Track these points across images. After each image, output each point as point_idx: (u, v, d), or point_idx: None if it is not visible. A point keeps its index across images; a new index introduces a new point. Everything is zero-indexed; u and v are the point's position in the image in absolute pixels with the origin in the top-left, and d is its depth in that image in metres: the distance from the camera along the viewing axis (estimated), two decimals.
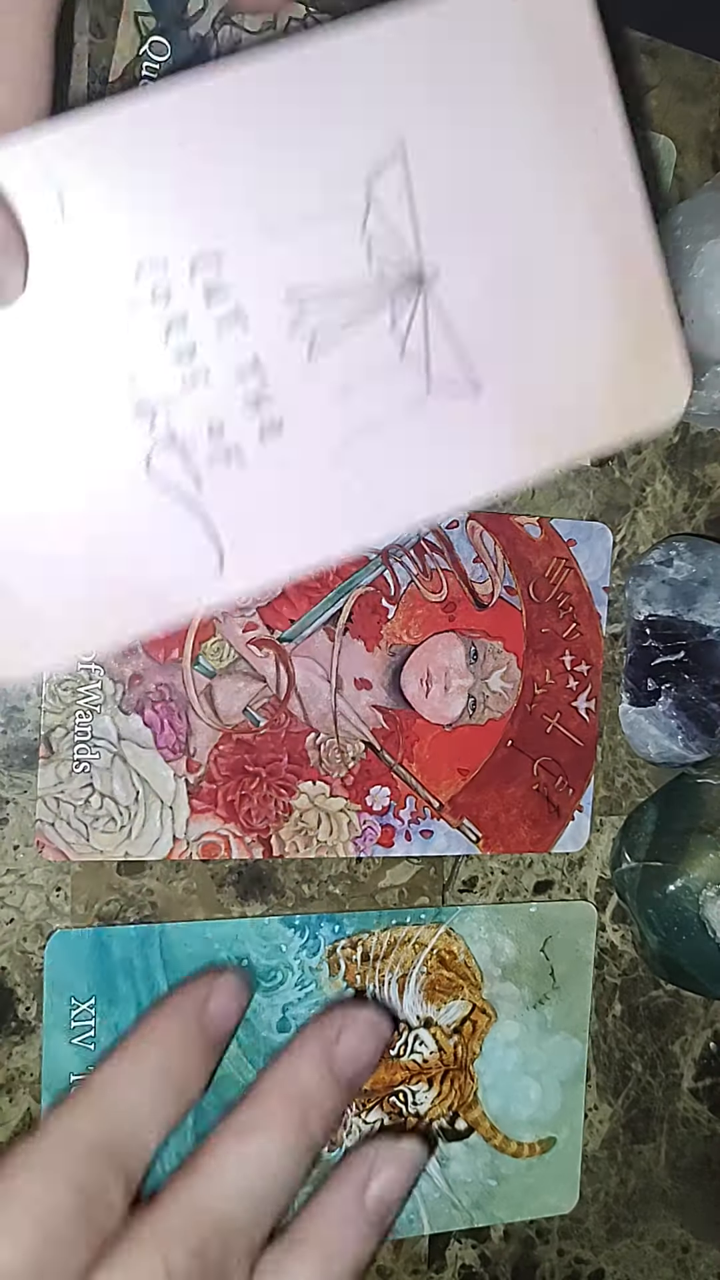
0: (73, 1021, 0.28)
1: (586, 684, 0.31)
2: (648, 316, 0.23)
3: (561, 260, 0.22)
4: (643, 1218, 0.34)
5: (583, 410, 0.23)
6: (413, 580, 0.29)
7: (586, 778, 0.31)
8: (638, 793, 0.32)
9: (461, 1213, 0.31)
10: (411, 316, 0.22)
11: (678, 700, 0.30)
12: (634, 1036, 0.33)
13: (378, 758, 0.29)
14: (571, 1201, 0.32)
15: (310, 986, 0.29)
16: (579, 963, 0.32)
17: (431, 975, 0.30)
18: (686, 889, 0.29)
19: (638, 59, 0.31)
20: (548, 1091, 0.32)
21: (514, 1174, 0.31)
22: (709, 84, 0.32)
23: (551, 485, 0.31)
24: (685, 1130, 0.34)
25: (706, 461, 0.33)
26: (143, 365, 0.21)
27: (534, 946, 0.31)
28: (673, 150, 0.31)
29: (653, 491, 0.32)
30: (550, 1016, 0.32)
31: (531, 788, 0.31)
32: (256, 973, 0.29)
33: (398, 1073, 0.30)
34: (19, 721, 0.27)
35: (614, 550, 0.31)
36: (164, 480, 0.21)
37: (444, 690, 0.30)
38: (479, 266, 0.22)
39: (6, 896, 0.27)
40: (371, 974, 0.30)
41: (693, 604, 0.30)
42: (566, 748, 0.31)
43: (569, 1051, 0.32)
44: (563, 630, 0.31)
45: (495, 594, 0.30)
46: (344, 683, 0.29)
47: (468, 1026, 0.31)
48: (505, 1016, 0.31)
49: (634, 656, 0.31)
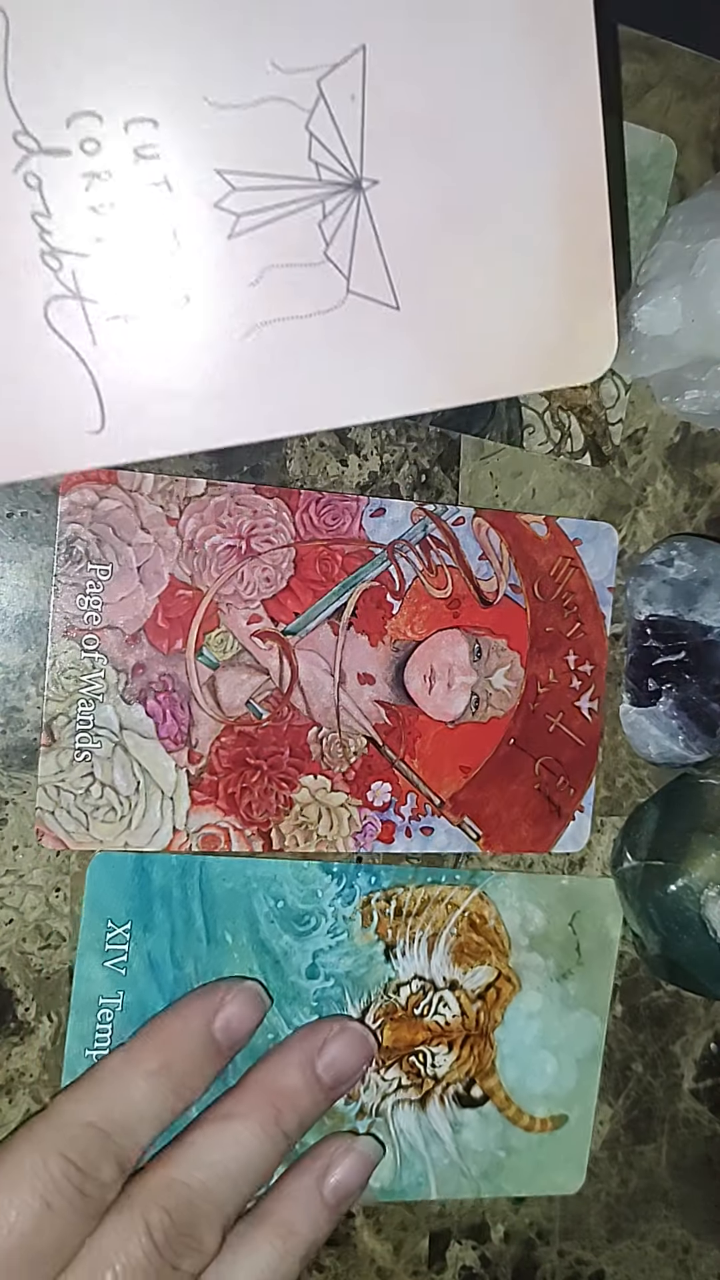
0: (108, 944, 0.28)
1: (590, 684, 0.31)
2: (589, 276, 0.22)
3: (512, 200, 0.22)
4: (644, 1218, 0.33)
5: (505, 351, 0.23)
6: (418, 576, 0.29)
7: (588, 778, 0.31)
8: (638, 793, 0.32)
9: (470, 1182, 0.31)
10: (341, 220, 0.21)
11: (679, 700, 0.30)
12: (635, 1037, 0.33)
13: (379, 753, 0.29)
14: (578, 1182, 0.32)
15: (342, 935, 0.29)
16: (605, 941, 0.32)
17: (461, 938, 0.30)
18: (688, 888, 0.29)
19: (638, 58, 0.31)
20: (564, 1067, 0.32)
21: (524, 1148, 0.31)
22: (709, 83, 0.32)
23: (551, 484, 0.31)
24: (686, 1131, 0.34)
25: (707, 461, 0.33)
26: (58, 212, 0.20)
27: (563, 919, 0.31)
28: (673, 149, 0.31)
29: (653, 491, 0.32)
30: (573, 992, 0.32)
31: (533, 787, 0.31)
32: (291, 915, 0.29)
33: (419, 1032, 0.30)
34: (19, 722, 0.27)
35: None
36: (60, 330, 0.20)
37: (447, 687, 0.30)
38: (422, 187, 0.21)
39: (6, 897, 0.27)
40: (403, 929, 0.30)
41: (694, 604, 0.30)
42: (569, 747, 0.31)
43: (588, 1029, 0.32)
44: (567, 629, 0.31)
45: (500, 591, 0.30)
46: (347, 677, 0.29)
47: (492, 993, 0.31)
48: (529, 987, 0.31)
49: (634, 656, 0.31)
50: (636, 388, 0.32)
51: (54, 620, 0.27)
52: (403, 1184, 0.30)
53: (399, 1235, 0.31)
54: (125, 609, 0.27)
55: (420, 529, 0.29)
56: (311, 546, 0.28)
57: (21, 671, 0.27)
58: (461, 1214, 0.31)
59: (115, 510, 0.26)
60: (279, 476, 0.28)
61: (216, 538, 0.28)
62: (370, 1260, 0.30)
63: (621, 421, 0.31)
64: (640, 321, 0.30)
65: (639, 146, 0.30)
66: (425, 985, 0.30)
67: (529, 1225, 0.32)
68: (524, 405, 0.30)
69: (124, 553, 0.27)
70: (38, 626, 0.27)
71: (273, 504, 0.28)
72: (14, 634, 0.27)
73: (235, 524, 0.28)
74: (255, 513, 0.28)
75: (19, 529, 0.27)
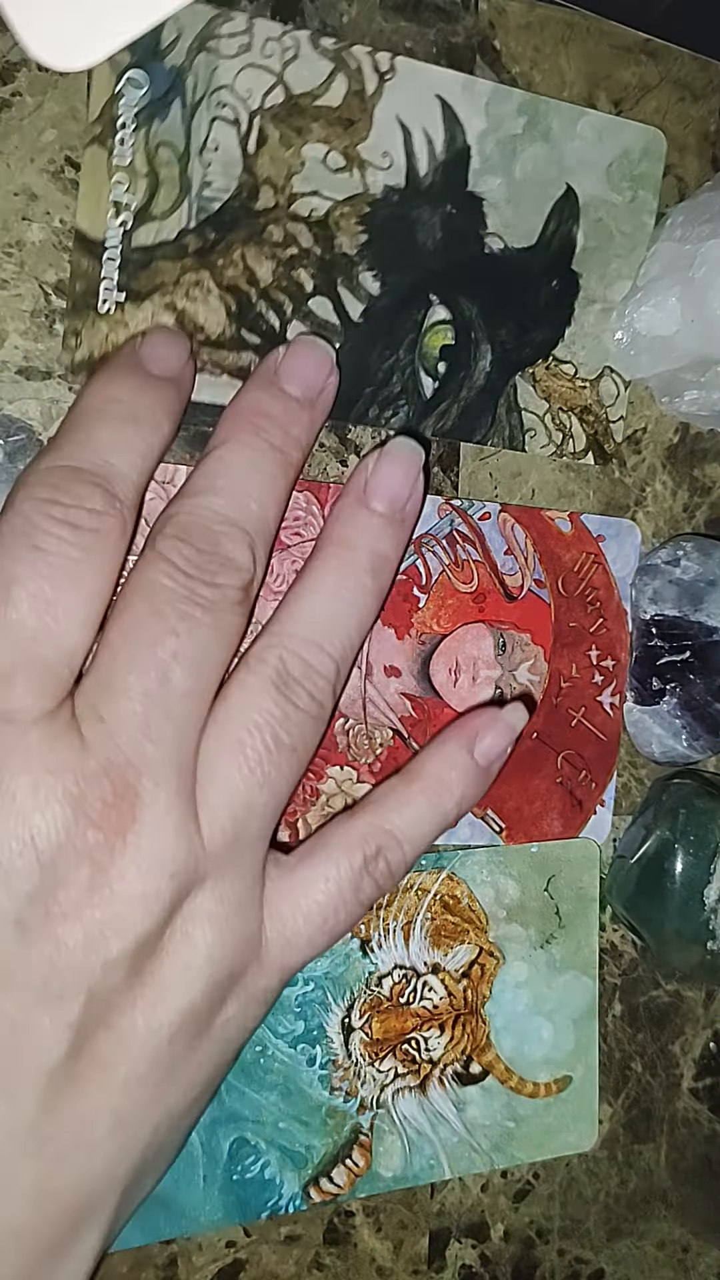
0: None
1: (611, 679, 0.31)
2: None
3: None
4: (643, 1218, 0.34)
5: None
6: (444, 570, 0.29)
7: (609, 772, 0.32)
8: (638, 793, 0.32)
9: (481, 1155, 0.31)
10: None
11: (683, 700, 0.30)
12: (634, 1036, 0.33)
13: (405, 745, 0.29)
14: (591, 1138, 0.32)
15: None
16: (584, 900, 0.32)
17: (436, 921, 0.30)
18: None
19: (638, 60, 0.31)
20: (560, 1030, 0.32)
21: (532, 1114, 0.31)
22: (709, 84, 0.32)
23: (551, 485, 0.31)
24: (686, 1130, 0.34)
25: (706, 461, 0.33)
26: None
27: (537, 886, 0.31)
28: (662, 141, 0.31)
29: (653, 491, 0.32)
30: (558, 955, 0.32)
31: (555, 780, 0.31)
32: None
33: (408, 1020, 0.30)
34: None
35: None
36: None
37: (472, 680, 0.30)
38: None
39: None
40: (376, 922, 0.30)
41: (699, 604, 0.30)
42: (590, 742, 0.31)
43: (579, 989, 0.32)
44: (590, 625, 0.31)
45: (525, 586, 0.30)
46: (374, 669, 0.29)
47: (476, 970, 0.31)
48: (513, 958, 0.31)
49: (639, 656, 0.31)
50: (636, 388, 0.32)
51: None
52: (415, 1169, 0.30)
53: (399, 1234, 0.31)
54: None
55: (447, 523, 0.29)
56: None
57: None
58: (461, 1213, 0.31)
59: (150, 502, 0.26)
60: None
61: None
62: (370, 1259, 0.30)
63: (623, 419, 0.31)
64: (639, 322, 0.30)
65: (628, 140, 0.30)
66: (407, 973, 0.30)
67: (529, 1224, 0.32)
68: (524, 410, 0.30)
69: None
70: None
71: (302, 497, 0.28)
72: None
73: None
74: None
75: None
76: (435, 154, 0.28)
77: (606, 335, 0.31)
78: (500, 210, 0.29)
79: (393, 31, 0.28)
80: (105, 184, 0.26)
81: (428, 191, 0.28)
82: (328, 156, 0.27)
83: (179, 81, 0.26)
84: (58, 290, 0.26)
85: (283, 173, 0.27)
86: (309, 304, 0.28)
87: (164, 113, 0.26)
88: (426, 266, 0.29)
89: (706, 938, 0.29)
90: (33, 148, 0.26)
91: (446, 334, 0.29)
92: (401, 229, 0.28)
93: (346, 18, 0.28)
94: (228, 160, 0.27)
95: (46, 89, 0.26)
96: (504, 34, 0.29)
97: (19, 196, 0.26)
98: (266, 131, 0.27)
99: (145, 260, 0.26)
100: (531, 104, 0.29)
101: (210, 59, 0.26)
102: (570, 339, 0.30)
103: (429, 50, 0.29)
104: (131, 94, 0.26)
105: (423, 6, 0.29)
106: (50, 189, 0.26)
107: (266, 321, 0.27)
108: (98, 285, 0.26)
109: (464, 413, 0.29)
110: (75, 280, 0.26)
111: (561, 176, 0.30)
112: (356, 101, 0.27)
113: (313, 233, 0.28)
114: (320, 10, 0.28)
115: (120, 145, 0.26)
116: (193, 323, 0.27)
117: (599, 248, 0.30)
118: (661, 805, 0.30)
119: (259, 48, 0.27)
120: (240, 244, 0.27)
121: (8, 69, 0.25)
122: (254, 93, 0.27)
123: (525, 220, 0.30)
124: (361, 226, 0.28)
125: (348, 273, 0.28)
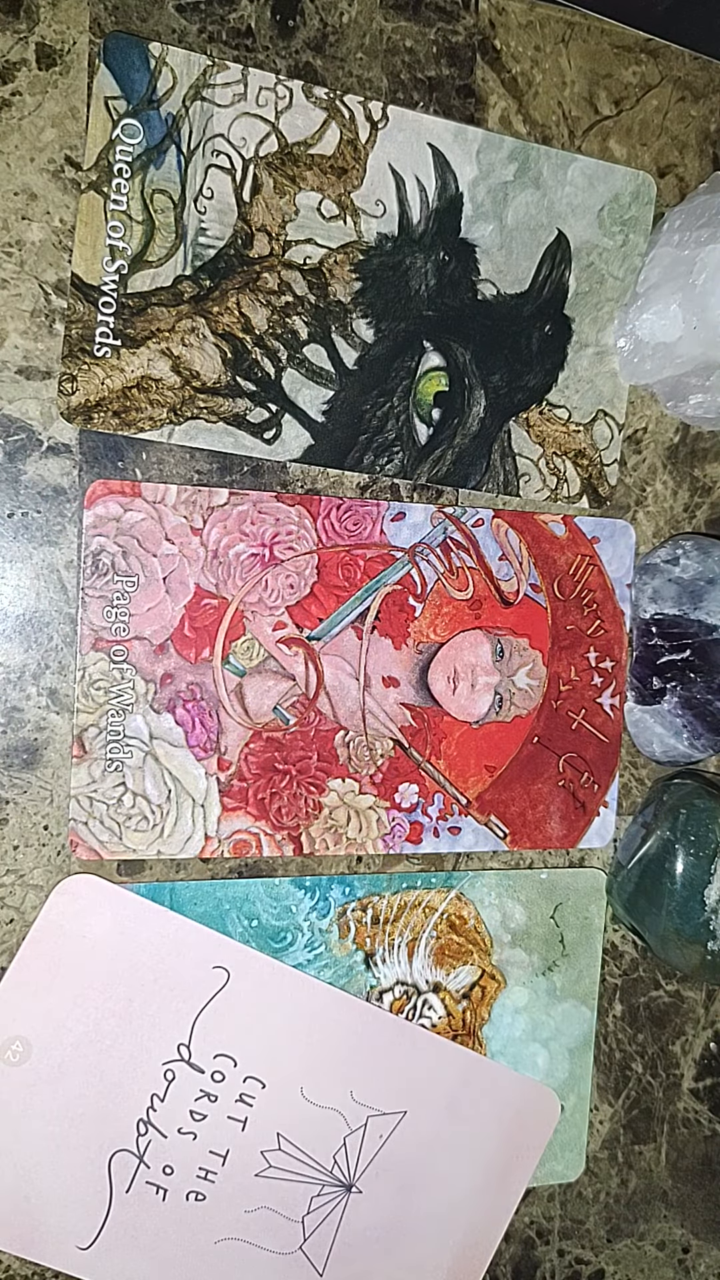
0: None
1: (611, 680, 0.31)
2: None
3: (434, 1232, 0.30)
4: (643, 1218, 0.33)
5: None
6: (439, 578, 0.29)
7: (612, 773, 0.32)
8: (637, 792, 0.32)
9: None
10: (324, 1218, 0.28)
11: (683, 699, 0.30)
12: (634, 1037, 0.33)
13: (406, 755, 0.29)
14: (577, 1170, 0.32)
15: (320, 948, 0.29)
16: (589, 930, 0.32)
17: (441, 940, 0.30)
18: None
19: (638, 60, 0.31)
20: (555, 1058, 0.32)
21: None
22: (709, 84, 0.32)
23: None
24: (686, 1131, 0.34)
25: (706, 461, 0.33)
26: (169, 1101, 0.27)
27: (544, 913, 0.31)
28: (652, 186, 0.31)
29: (653, 491, 0.32)
30: (559, 983, 0.32)
31: (557, 784, 0.31)
32: (266, 933, 0.29)
33: None
34: (19, 722, 0.27)
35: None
36: (111, 1173, 0.26)
37: (471, 687, 0.30)
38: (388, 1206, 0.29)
39: (6, 896, 0.27)
40: (381, 937, 0.30)
41: (699, 603, 0.30)
42: (592, 744, 0.31)
43: (577, 1019, 0.32)
44: (587, 627, 0.31)
45: (520, 591, 0.30)
46: (372, 680, 0.29)
47: (477, 992, 0.31)
48: (514, 983, 0.31)
49: (639, 655, 0.31)
50: (635, 388, 0.32)
51: (82, 633, 0.27)
52: None
53: None
54: (152, 619, 0.27)
55: (440, 531, 0.29)
56: (333, 552, 0.28)
57: (22, 671, 0.27)
58: None
59: (140, 522, 0.26)
60: (279, 477, 0.28)
61: (240, 546, 0.28)
62: None
63: (617, 462, 0.31)
64: (641, 330, 0.30)
65: (619, 185, 0.30)
66: (408, 990, 0.30)
67: (529, 1225, 0.32)
68: (519, 455, 0.30)
69: (149, 564, 0.27)
70: (38, 626, 0.27)
71: (294, 511, 0.28)
72: (15, 634, 0.27)
73: (258, 532, 0.28)
74: (278, 520, 0.28)
75: (19, 529, 0.27)
76: (428, 201, 0.29)
77: (600, 379, 0.31)
78: (493, 256, 0.29)
79: (393, 31, 0.28)
80: (101, 230, 0.26)
81: (421, 239, 0.29)
82: (321, 204, 0.28)
83: (175, 129, 0.26)
84: (57, 290, 0.26)
85: (277, 220, 0.27)
86: (304, 351, 0.28)
87: (160, 160, 0.26)
88: (420, 313, 0.29)
89: (706, 938, 0.29)
90: (33, 147, 0.26)
91: (440, 380, 0.29)
92: (395, 276, 0.28)
93: (346, 17, 0.28)
94: (223, 207, 0.27)
95: (46, 89, 0.25)
96: (504, 33, 0.29)
97: (19, 196, 0.25)
98: (261, 179, 0.27)
99: (141, 306, 0.26)
100: (522, 150, 0.29)
101: (206, 107, 0.26)
102: (564, 383, 0.31)
103: (429, 50, 0.29)
104: (127, 141, 0.26)
105: (423, 6, 0.29)
106: (50, 188, 0.26)
107: (261, 369, 0.27)
108: (94, 331, 0.26)
109: (458, 459, 0.29)
110: (71, 325, 0.26)
111: (553, 222, 0.30)
112: (350, 150, 0.28)
113: (307, 280, 0.28)
114: (320, 10, 0.28)
115: (117, 192, 0.26)
116: (188, 369, 0.27)
117: (591, 292, 0.31)
118: (662, 805, 0.30)
119: (253, 96, 0.27)
120: (235, 291, 0.27)
121: (8, 69, 0.25)
122: (249, 141, 0.27)
123: (517, 266, 0.30)
124: (355, 274, 0.28)
125: (342, 320, 0.28)
